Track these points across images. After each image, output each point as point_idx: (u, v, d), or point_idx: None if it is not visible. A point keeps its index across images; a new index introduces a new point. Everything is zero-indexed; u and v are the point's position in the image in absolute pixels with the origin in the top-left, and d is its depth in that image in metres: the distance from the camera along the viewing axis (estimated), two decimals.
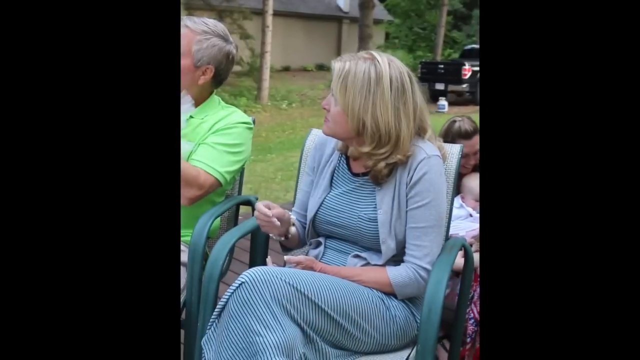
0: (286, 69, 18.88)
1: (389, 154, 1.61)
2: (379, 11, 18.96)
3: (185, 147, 1.87)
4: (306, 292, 1.45)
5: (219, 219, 2.01)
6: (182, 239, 1.91)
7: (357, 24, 16.04)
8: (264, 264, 2.03)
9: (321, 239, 1.76)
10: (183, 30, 1.90)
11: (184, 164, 1.81)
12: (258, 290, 1.41)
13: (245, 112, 2.12)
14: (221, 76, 1.97)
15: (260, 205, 1.65)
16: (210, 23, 1.95)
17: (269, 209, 1.65)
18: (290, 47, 19.16)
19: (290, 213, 1.78)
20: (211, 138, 1.90)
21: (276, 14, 14.32)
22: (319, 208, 1.73)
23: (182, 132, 1.89)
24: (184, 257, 1.84)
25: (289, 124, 11.07)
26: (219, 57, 1.93)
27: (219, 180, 1.88)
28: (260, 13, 13.40)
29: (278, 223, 1.65)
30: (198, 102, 1.97)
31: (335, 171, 1.77)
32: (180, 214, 1.86)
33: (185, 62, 1.89)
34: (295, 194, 2.06)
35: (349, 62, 1.60)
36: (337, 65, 1.62)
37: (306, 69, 19.47)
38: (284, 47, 18.44)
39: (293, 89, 15.01)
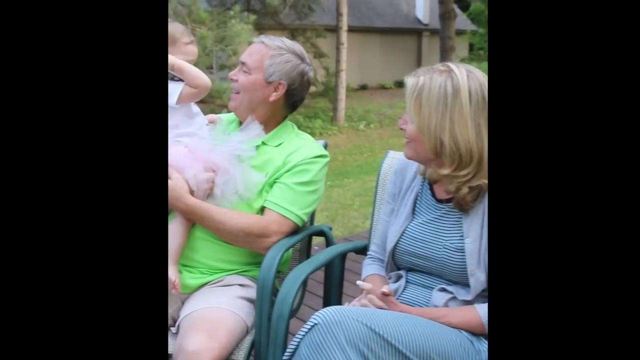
0: (363, 87, 18.94)
1: (471, 176, 1.55)
2: (462, 21, 18.77)
3: (255, 178, 1.87)
4: (385, 335, 1.39)
5: (290, 250, 1.99)
6: (247, 273, 1.90)
7: (438, 36, 15.91)
8: (340, 298, 2.00)
9: (402, 272, 1.71)
10: (257, 46, 1.93)
11: (250, 218, 1.83)
12: (332, 333, 1.37)
13: (320, 134, 2.11)
14: (295, 97, 1.96)
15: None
16: (288, 42, 1.97)
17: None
18: (367, 64, 19.22)
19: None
20: (287, 177, 1.89)
21: (351, 29, 14.41)
22: (400, 238, 1.68)
23: (252, 162, 1.89)
24: (251, 293, 1.83)
25: (367, 146, 11.05)
26: (293, 74, 1.92)
27: (297, 223, 1.88)
28: (335, 30, 13.53)
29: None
30: (269, 125, 1.96)
31: (418, 198, 1.72)
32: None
33: (256, 76, 1.91)
34: (371, 223, 2.03)
35: (423, 77, 1.56)
36: (410, 80, 1.59)
37: (384, 87, 19.45)
38: (360, 65, 18.53)
39: (371, 109, 15.00)
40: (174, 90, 1.83)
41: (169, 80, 1.83)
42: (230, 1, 13.05)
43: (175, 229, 1.83)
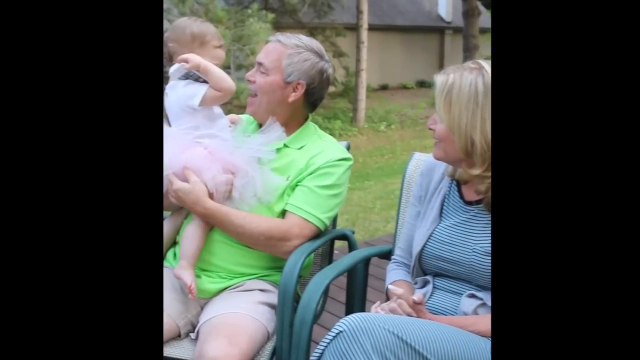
0: (384, 87, 18.90)
1: None
2: (486, 19, 18.60)
3: (276, 181, 1.86)
4: (412, 343, 1.37)
5: (311, 255, 1.97)
6: (268, 278, 1.90)
7: (461, 34, 15.83)
8: (363, 305, 1.98)
9: (429, 278, 1.69)
10: (274, 45, 1.92)
11: (271, 221, 1.82)
12: (358, 341, 1.35)
13: (340, 135, 2.10)
14: (314, 96, 1.95)
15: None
16: (305, 39, 1.95)
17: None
18: (388, 63, 19.19)
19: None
20: (310, 180, 1.87)
21: (372, 28, 14.38)
22: (426, 241, 1.67)
23: (273, 164, 1.88)
24: (272, 298, 1.82)
25: (388, 148, 11.02)
26: (312, 73, 1.90)
27: (319, 227, 1.87)
28: (355, 28, 13.52)
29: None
30: (291, 127, 1.95)
31: (446, 200, 1.71)
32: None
33: (274, 77, 1.89)
34: (396, 227, 2.01)
35: (453, 74, 1.56)
36: (440, 78, 1.58)
37: (406, 87, 19.40)
38: (380, 64, 18.50)
39: (392, 109, 14.96)
40: (198, 91, 1.82)
41: (193, 81, 1.83)
42: (248, 0, 13.11)
43: (192, 232, 1.82)
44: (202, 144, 1.83)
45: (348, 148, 2.05)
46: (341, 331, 1.38)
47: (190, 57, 1.79)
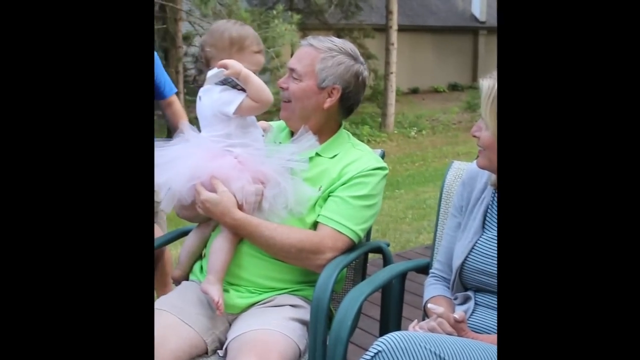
0: (414, 91, 18.90)
1: None
2: None
3: (308, 191, 1.85)
4: None
5: (344, 269, 1.97)
6: (299, 293, 1.89)
7: (496, 34, 15.79)
8: (398, 322, 1.97)
9: (470, 293, 1.68)
10: (306, 49, 1.92)
11: (303, 233, 1.82)
12: None
13: (368, 142, 2.09)
14: (350, 101, 1.94)
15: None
16: (338, 41, 1.94)
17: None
18: (419, 66, 19.17)
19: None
20: (343, 190, 1.87)
21: (402, 29, 14.41)
22: (468, 254, 1.66)
23: (305, 174, 1.87)
24: (304, 314, 1.81)
25: (419, 155, 11.01)
26: (347, 76, 1.90)
27: (353, 240, 1.86)
28: (384, 29, 13.54)
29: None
30: (324, 134, 1.95)
31: (489, 210, 1.70)
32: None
33: (307, 83, 1.89)
34: (434, 238, 2.00)
35: None
36: (485, 83, 1.57)
37: (437, 90, 19.38)
38: (411, 67, 18.50)
39: (423, 114, 14.94)
40: (234, 99, 1.80)
41: (230, 88, 1.82)
42: (272, 0, 13.20)
43: (220, 245, 1.82)
44: (232, 152, 1.84)
45: (382, 156, 2.04)
46: (380, 351, 1.37)
47: (231, 63, 1.77)
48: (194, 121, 2.00)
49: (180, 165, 1.83)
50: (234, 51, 1.83)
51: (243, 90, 1.81)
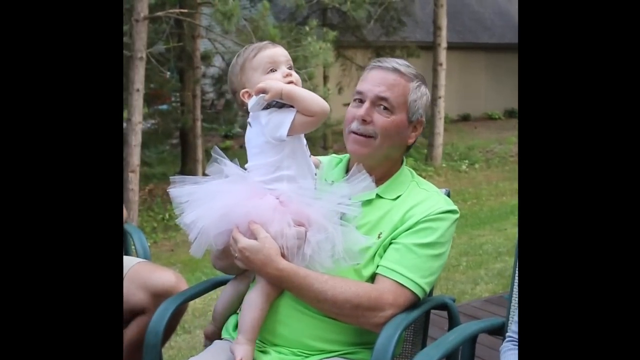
0: (465, 118, 18.89)
1: None
2: None
3: (360, 240, 1.83)
4: None
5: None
6: (353, 356, 1.87)
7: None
8: None
9: None
10: (392, 76, 1.91)
11: (359, 287, 1.80)
12: None
13: None
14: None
15: None
16: (409, 64, 1.97)
17: None
18: (471, 89, 19.19)
19: None
20: (408, 237, 1.86)
21: (451, 47, 14.45)
22: None
23: (363, 219, 1.87)
24: None
25: (471, 192, 10.95)
26: (427, 107, 1.94)
27: (418, 295, 1.84)
28: (431, 47, 13.60)
29: None
30: (386, 173, 1.96)
31: None
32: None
33: (400, 116, 1.91)
34: (510, 294, 1.97)
35: None
36: None
37: (492, 117, 19.34)
38: (462, 90, 18.51)
39: (475, 145, 14.92)
40: (284, 119, 1.79)
41: (276, 109, 1.81)
42: (302, 14, 13.34)
43: (253, 301, 1.80)
44: (275, 191, 1.82)
45: (448, 195, 2.03)
46: None
47: (268, 86, 1.77)
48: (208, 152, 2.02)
49: (212, 203, 1.82)
50: (264, 73, 1.84)
51: (291, 106, 1.80)
